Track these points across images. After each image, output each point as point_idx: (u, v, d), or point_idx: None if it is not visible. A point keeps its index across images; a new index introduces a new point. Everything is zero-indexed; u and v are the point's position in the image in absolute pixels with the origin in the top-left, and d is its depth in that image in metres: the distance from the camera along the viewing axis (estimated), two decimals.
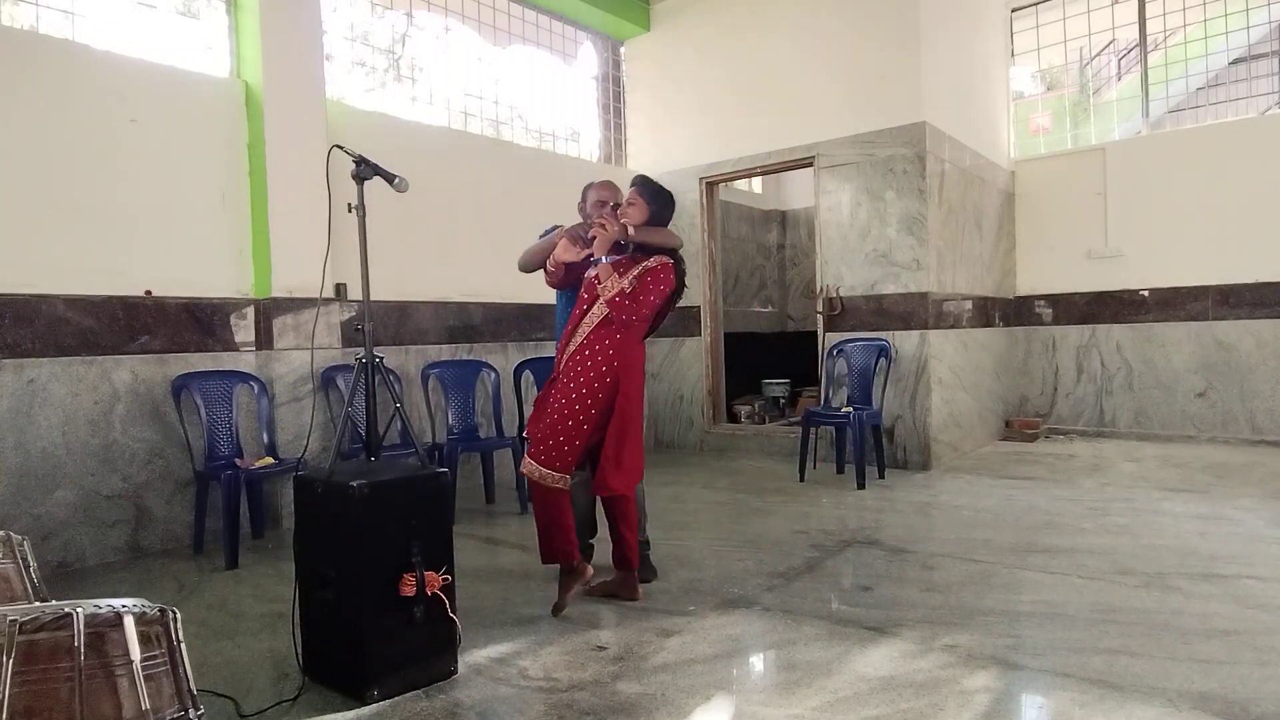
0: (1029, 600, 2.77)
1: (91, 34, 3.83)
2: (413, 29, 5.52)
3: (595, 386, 2.73)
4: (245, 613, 2.88)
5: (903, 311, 5.31)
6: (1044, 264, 6.74)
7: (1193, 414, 6.08)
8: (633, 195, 2.88)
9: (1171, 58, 6.61)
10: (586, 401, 2.71)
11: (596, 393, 2.73)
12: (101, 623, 1.24)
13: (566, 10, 6.29)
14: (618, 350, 2.76)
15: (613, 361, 2.75)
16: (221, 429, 3.86)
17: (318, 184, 2.43)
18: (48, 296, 3.47)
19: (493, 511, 4.52)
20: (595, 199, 3.06)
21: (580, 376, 2.74)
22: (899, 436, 5.33)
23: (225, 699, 2.13)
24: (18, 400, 3.37)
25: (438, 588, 2.17)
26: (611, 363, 2.74)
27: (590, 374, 2.73)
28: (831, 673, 2.23)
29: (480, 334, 5.26)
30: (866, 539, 3.63)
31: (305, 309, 4.21)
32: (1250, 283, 5.83)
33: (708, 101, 6.35)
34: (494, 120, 5.89)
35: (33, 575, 1.65)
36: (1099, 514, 3.96)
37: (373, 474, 2.20)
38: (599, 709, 2.05)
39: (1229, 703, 1.97)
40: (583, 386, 2.73)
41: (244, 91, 4.17)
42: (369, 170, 2.39)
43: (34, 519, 3.37)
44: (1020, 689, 2.13)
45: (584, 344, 2.78)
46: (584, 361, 2.75)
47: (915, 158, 5.24)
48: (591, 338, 2.78)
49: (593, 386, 2.73)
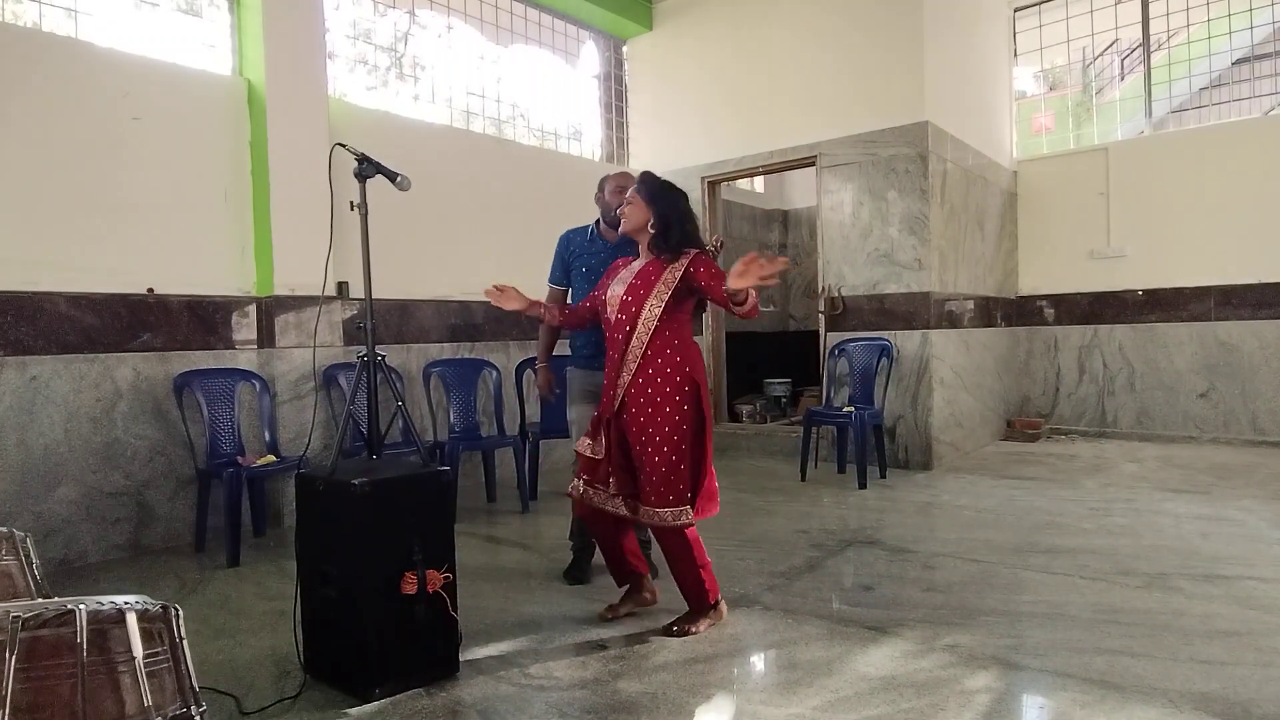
0: (1030, 600, 2.77)
1: (94, 32, 3.84)
2: (415, 27, 5.52)
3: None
4: (247, 610, 2.89)
5: (904, 311, 5.30)
6: (1046, 264, 6.73)
7: (1195, 415, 6.07)
8: (631, 195, 2.67)
9: (1174, 58, 6.59)
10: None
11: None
12: (104, 619, 1.24)
13: (569, 9, 6.28)
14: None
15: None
16: (223, 427, 3.87)
17: (320, 182, 2.43)
18: (50, 294, 3.47)
19: (494, 510, 4.52)
20: (615, 186, 3.11)
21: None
22: (900, 436, 5.32)
23: (227, 696, 2.13)
24: (20, 397, 3.37)
25: (439, 586, 2.17)
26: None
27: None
28: (832, 672, 2.23)
29: (482, 332, 5.27)
30: (868, 539, 3.63)
31: (307, 307, 4.21)
32: (1253, 283, 5.82)
33: (710, 100, 6.34)
34: (496, 119, 5.89)
35: (35, 572, 1.65)
36: (1101, 514, 3.95)
37: (374, 472, 2.20)
38: (600, 708, 2.06)
39: (1230, 704, 1.97)
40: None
41: (246, 89, 4.17)
42: (371, 169, 2.39)
43: (36, 516, 3.38)
44: (1021, 689, 2.13)
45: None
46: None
47: (918, 157, 5.24)
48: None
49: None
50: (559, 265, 3.21)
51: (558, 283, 3.22)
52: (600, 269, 3.08)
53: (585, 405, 3.12)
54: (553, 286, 3.24)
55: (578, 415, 3.13)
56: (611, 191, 3.12)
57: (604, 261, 3.09)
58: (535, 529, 4.08)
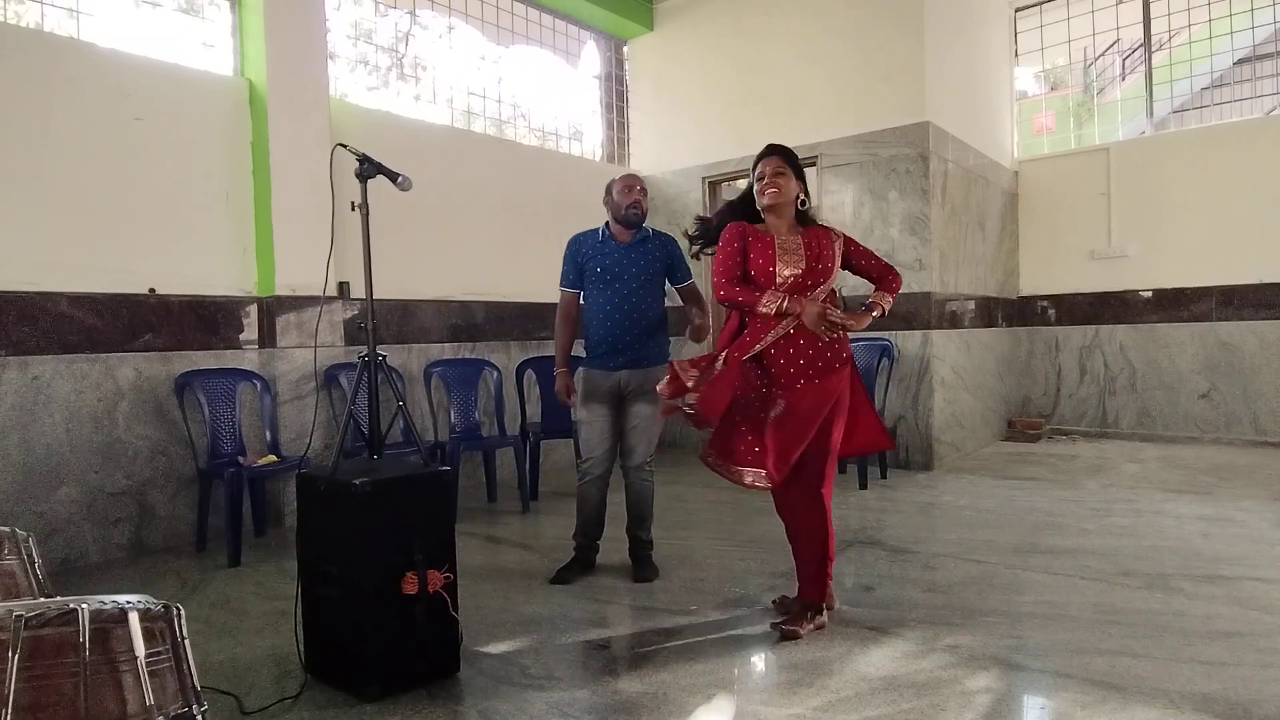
0: (1031, 601, 2.77)
1: (96, 32, 3.84)
2: (416, 28, 5.53)
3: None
4: (248, 610, 2.89)
5: (905, 311, 5.30)
6: (1047, 264, 6.72)
7: (1196, 415, 6.06)
8: (782, 166, 2.55)
9: (1176, 58, 6.59)
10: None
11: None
12: (106, 619, 1.25)
13: (570, 9, 6.28)
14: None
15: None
16: (224, 427, 3.87)
17: (321, 182, 2.43)
18: (52, 294, 3.47)
19: (495, 510, 4.52)
20: (624, 186, 3.12)
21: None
22: (901, 436, 5.32)
23: (228, 696, 2.14)
24: (22, 397, 3.38)
25: (439, 586, 2.17)
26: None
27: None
28: (833, 673, 2.23)
29: (483, 332, 5.27)
30: (869, 539, 3.63)
31: (308, 307, 4.21)
32: (1254, 283, 5.81)
33: (711, 101, 6.34)
34: (497, 119, 5.89)
35: (37, 571, 1.65)
36: (1101, 515, 3.95)
37: (375, 472, 2.20)
38: (600, 708, 2.06)
39: (1231, 704, 1.97)
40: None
41: (248, 90, 4.17)
42: (372, 169, 2.39)
43: (38, 516, 3.38)
44: (1022, 690, 2.13)
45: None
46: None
47: (918, 158, 5.24)
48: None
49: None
50: (572, 269, 3.19)
51: (571, 286, 3.21)
52: (615, 269, 3.09)
53: (597, 405, 3.12)
54: (565, 290, 3.22)
55: (589, 415, 3.13)
56: (620, 191, 3.13)
57: (618, 262, 3.10)
58: (536, 529, 4.08)
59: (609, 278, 3.09)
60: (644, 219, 3.16)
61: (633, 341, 3.07)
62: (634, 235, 3.15)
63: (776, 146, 2.64)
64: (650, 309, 3.12)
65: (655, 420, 3.10)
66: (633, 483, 3.15)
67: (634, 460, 3.12)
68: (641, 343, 3.09)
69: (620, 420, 3.13)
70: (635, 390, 3.08)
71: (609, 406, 3.11)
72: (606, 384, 3.09)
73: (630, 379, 3.08)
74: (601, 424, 3.11)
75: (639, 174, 3.17)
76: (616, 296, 3.08)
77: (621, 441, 3.15)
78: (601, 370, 3.10)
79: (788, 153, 2.62)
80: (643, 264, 3.12)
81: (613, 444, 3.15)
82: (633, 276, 3.09)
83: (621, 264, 3.10)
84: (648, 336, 3.10)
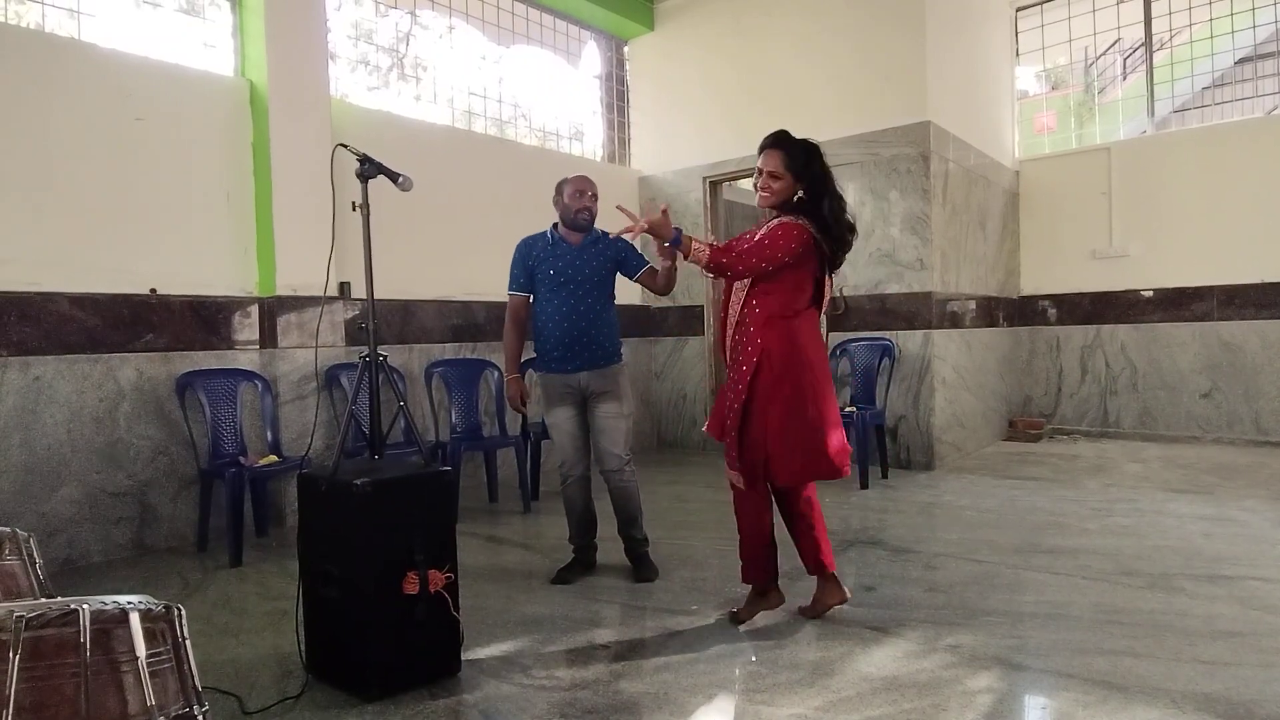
0: (1032, 601, 2.77)
1: (97, 33, 3.85)
2: (416, 28, 5.53)
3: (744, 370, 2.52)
4: (249, 610, 2.89)
5: (906, 311, 5.30)
6: (1048, 264, 6.72)
7: (1197, 415, 6.06)
8: (775, 163, 2.54)
9: (1177, 57, 6.58)
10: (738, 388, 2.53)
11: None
12: (107, 619, 1.25)
13: (570, 9, 6.28)
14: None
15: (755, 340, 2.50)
16: (226, 427, 3.87)
17: (322, 182, 2.43)
18: (53, 294, 3.48)
19: (496, 510, 4.52)
20: (574, 190, 3.11)
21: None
22: (902, 436, 5.32)
23: (229, 696, 2.14)
24: (23, 398, 3.38)
25: (441, 586, 2.18)
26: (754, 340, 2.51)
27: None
28: (834, 672, 2.23)
29: (484, 332, 5.27)
30: (870, 539, 3.63)
31: (309, 307, 4.22)
32: (1255, 283, 5.81)
33: (711, 100, 6.34)
34: (497, 119, 5.90)
35: (38, 571, 1.65)
36: (1103, 515, 3.95)
37: (376, 472, 2.20)
38: (601, 708, 2.06)
39: (1233, 704, 1.96)
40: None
41: (248, 90, 4.17)
42: (373, 169, 2.39)
43: (39, 516, 3.38)
44: (1024, 690, 2.13)
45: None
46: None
47: (919, 157, 5.23)
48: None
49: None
50: (522, 272, 3.16)
51: (521, 290, 3.18)
52: (569, 271, 3.08)
53: (562, 409, 3.11)
54: (515, 295, 3.18)
55: (556, 420, 3.13)
56: (571, 195, 3.11)
57: (571, 264, 3.09)
58: (537, 529, 4.08)
59: (563, 280, 3.08)
60: (593, 223, 3.15)
61: (589, 343, 3.07)
62: (584, 237, 3.15)
63: (775, 139, 2.58)
64: (605, 309, 3.14)
65: (622, 418, 3.11)
66: (613, 486, 3.14)
67: (609, 464, 3.11)
68: (598, 343, 3.09)
69: (588, 422, 3.14)
70: (596, 391, 3.09)
71: (574, 408, 3.12)
72: (567, 387, 3.10)
73: (590, 380, 3.08)
74: (570, 426, 3.12)
75: (589, 177, 3.16)
76: (572, 298, 3.07)
77: (594, 448, 3.15)
78: (559, 374, 3.10)
79: (788, 145, 2.56)
80: (595, 265, 3.12)
81: (585, 443, 3.16)
82: (585, 278, 3.10)
83: (575, 266, 3.09)
84: (604, 337, 3.11)
